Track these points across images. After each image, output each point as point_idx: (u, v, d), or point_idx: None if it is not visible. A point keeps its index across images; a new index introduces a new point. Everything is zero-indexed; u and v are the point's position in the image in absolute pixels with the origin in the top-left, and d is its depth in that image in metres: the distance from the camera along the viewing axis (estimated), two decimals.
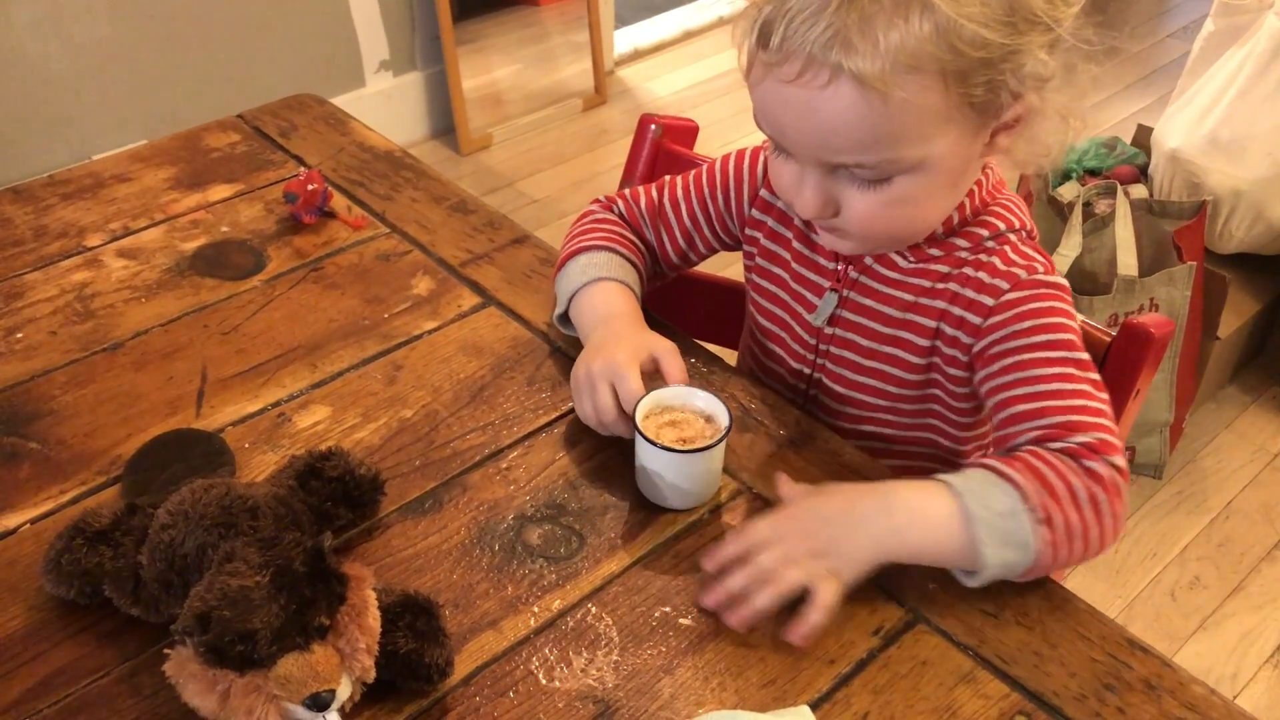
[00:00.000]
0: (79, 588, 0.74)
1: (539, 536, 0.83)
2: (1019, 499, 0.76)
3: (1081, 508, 0.76)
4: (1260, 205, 1.96)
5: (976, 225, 0.88)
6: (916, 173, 0.78)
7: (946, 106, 0.75)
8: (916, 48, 0.71)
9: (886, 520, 0.78)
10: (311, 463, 0.81)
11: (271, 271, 1.08)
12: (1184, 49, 2.65)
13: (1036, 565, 0.77)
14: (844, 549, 0.77)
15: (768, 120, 0.80)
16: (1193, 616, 1.76)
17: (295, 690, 0.64)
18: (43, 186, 1.19)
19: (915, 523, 0.77)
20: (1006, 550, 0.76)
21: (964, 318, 0.87)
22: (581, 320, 0.96)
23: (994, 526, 0.75)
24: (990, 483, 0.77)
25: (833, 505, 0.80)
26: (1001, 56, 0.74)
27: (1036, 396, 0.81)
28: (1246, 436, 2.08)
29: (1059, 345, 0.82)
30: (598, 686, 0.73)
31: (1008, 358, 0.84)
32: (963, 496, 0.76)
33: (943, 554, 0.78)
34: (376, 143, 1.27)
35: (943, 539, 0.77)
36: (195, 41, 2.33)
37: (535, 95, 2.90)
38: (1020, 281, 0.85)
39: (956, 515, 0.76)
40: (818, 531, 0.78)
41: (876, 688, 0.73)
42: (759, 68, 0.77)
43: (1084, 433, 0.79)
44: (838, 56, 0.72)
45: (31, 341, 0.99)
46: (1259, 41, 1.94)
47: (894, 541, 0.77)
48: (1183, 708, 0.72)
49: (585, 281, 0.96)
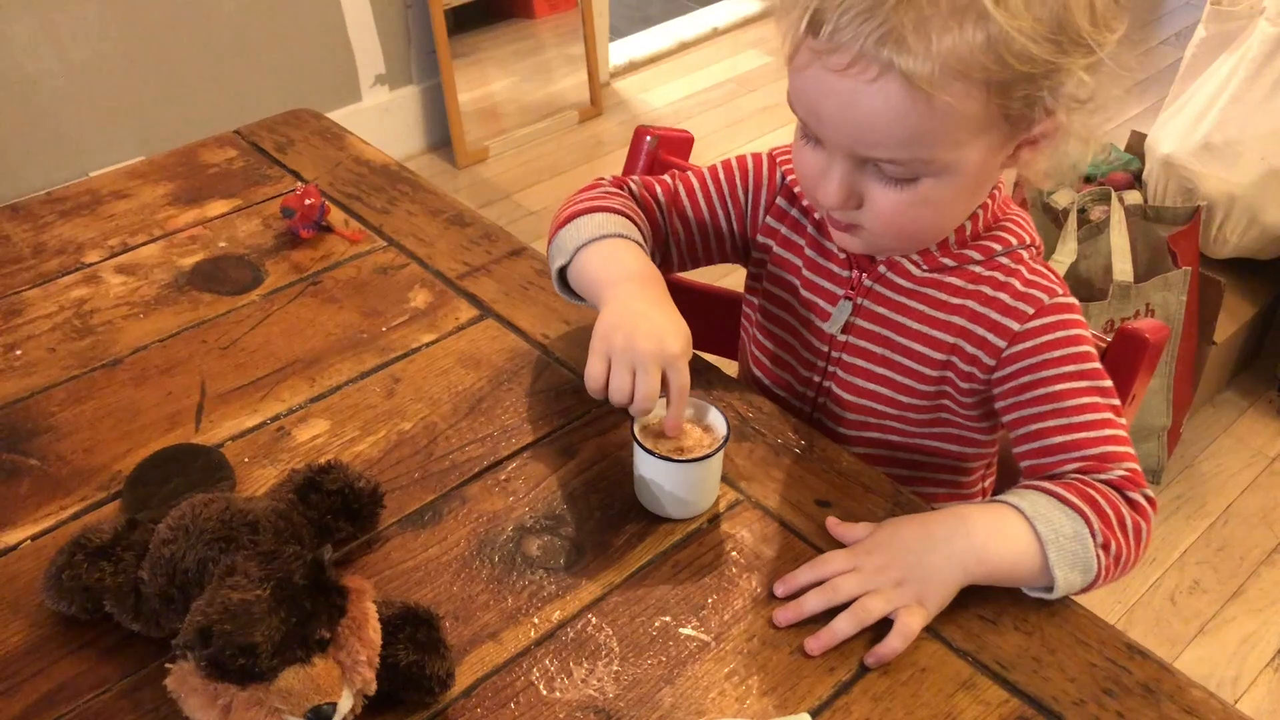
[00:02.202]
0: (80, 603, 0.74)
1: (538, 548, 0.83)
2: (1084, 525, 0.78)
3: (1128, 535, 0.80)
4: (1254, 210, 1.97)
5: (988, 239, 0.89)
6: (943, 176, 0.79)
7: (985, 116, 0.76)
8: (968, 55, 0.72)
9: (966, 540, 0.78)
10: (311, 476, 0.81)
11: (269, 286, 1.08)
12: (1176, 55, 2.66)
13: (1090, 587, 0.80)
14: (928, 574, 0.77)
15: (805, 106, 0.80)
16: (1193, 621, 1.76)
17: (297, 703, 0.64)
18: (41, 204, 1.19)
19: (994, 542, 0.79)
20: (1074, 573, 0.78)
21: (986, 338, 0.88)
22: (597, 271, 0.89)
23: (1064, 549, 0.78)
24: (1055, 507, 0.79)
25: (909, 532, 0.80)
26: (1044, 73, 0.75)
27: (1071, 429, 0.84)
28: (1244, 441, 2.08)
29: (1087, 375, 0.85)
30: (598, 697, 0.73)
31: (1039, 388, 0.85)
32: (1034, 521, 0.78)
33: (1018, 574, 0.79)
34: (373, 157, 1.28)
35: (1020, 559, 0.78)
36: (192, 58, 2.34)
37: (531, 108, 2.91)
38: (1044, 307, 0.87)
39: (1031, 537, 0.78)
40: (899, 559, 0.78)
41: (876, 695, 0.73)
42: (805, 53, 0.77)
43: (1119, 463, 0.82)
44: (890, 53, 0.72)
45: (31, 358, 0.99)
46: (1251, 47, 1.95)
47: (974, 561, 0.78)
48: (1182, 712, 0.72)
49: (601, 235, 0.90)
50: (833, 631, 0.76)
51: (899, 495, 0.87)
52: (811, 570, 0.79)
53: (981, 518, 0.80)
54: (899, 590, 0.77)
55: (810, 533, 0.84)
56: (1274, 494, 1.98)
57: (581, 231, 0.91)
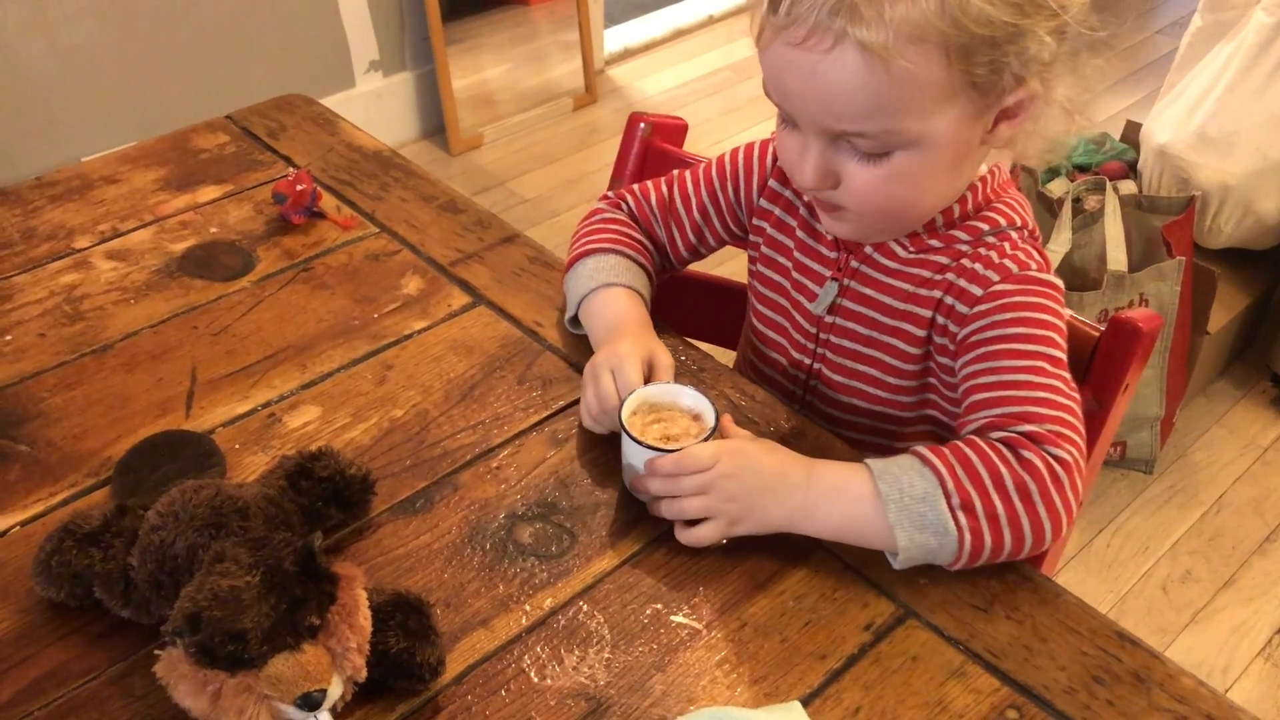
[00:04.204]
0: (69, 590, 0.74)
1: (530, 535, 0.83)
2: (937, 484, 0.77)
3: (1009, 494, 0.77)
4: (1248, 200, 1.97)
5: (979, 220, 0.89)
6: (915, 149, 0.79)
7: (949, 82, 0.76)
8: (921, 20, 0.72)
9: (803, 496, 0.80)
10: (302, 463, 0.81)
11: (261, 272, 1.08)
12: (1172, 45, 2.65)
13: (967, 552, 0.77)
14: (758, 514, 0.80)
15: (773, 85, 0.81)
16: (1184, 610, 1.77)
17: (286, 690, 0.64)
18: (31, 188, 1.18)
19: (830, 501, 0.80)
20: (922, 534, 0.77)
21: (954, 307, 0.88)
22: (592, 326, 0.97)
23: (907, 510, 0.77)
24: (911, 468, 0.79)
25: (767, 466, 0.81)
26: (1006, 37, 0.75)
27: (998, 386, 0.82)
28: (1237, 431, 2.09)
29: (1034, 340, 0.83)
30: (589, 684, 0.73)
31: (981, 347, 0.84)
32: (880, 480, 0.78)
33: (859, 533, 0.80)
34: (365, 143, 1.27)
35: (858, 519, 0.79)
36: (184, 43, 2.33)
37: (526, 95, 2.90)
38: (1010, 275, 0.86)
39: (871, 498, 0.78)
40: (744, 490, 0.80)
41: (867, 683, 0.73)
42: (769, 31, 0.78)
43: (1033, 423, 0.79)
44: (843, 23, 0.73)
45: (20, 344, 0.99)
46: (1246, 37, 1.95)
47: (803, 517, 0.80)
48: (1172, 700, 0.73)
49: (594, 286, 0.97)
50: (655, 510, 0.82)
51: None
52: (676, 463, 0.80)
53: (830, 476, 0.81)
54: (726, 506, 0.80)
55: None
56: (1266, 484, 1.98)
57: (580, 283, 0.98)
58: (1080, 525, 1.88)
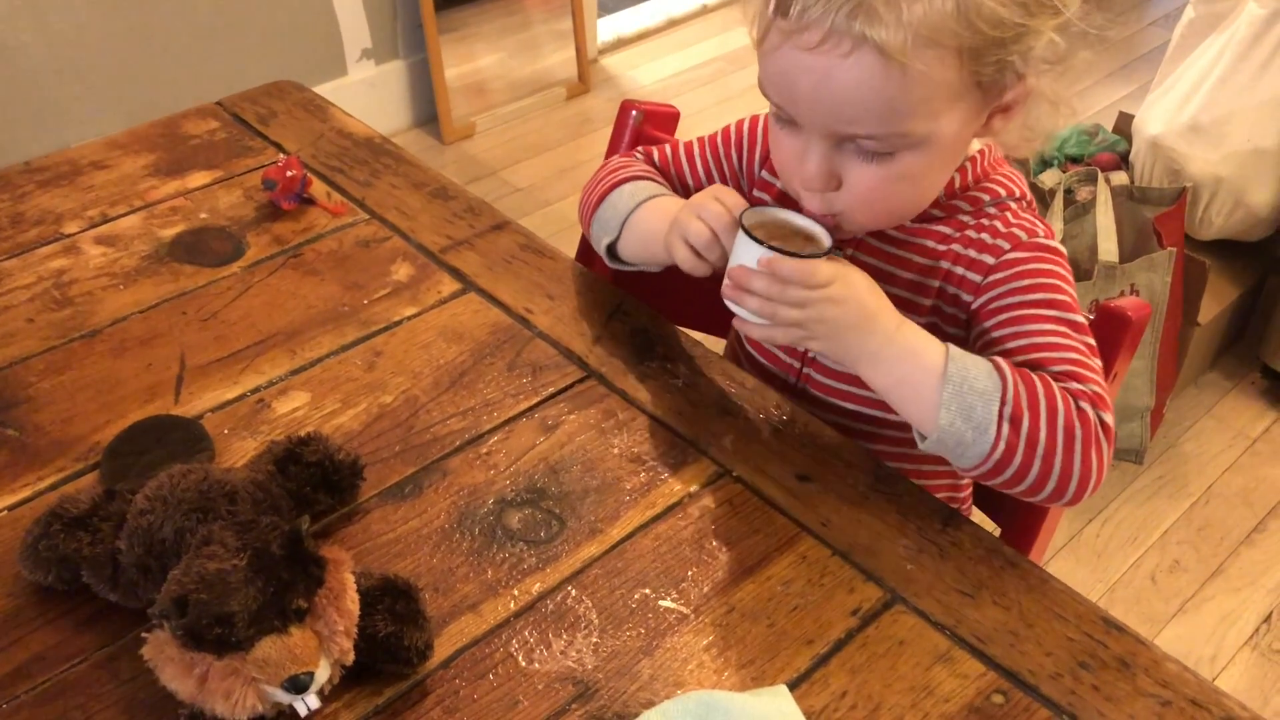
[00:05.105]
0: (56, 573, 0.74)
1: (519, 520, 0.83)
2: (999, 388, 0.78)
3: (1056, 430, 0.78)
4: (1240, 191, 1.97)
5: (978, 190, 0.89)
6: (920, 149, 0.79)
7: (959, 84, 0.76)
8: (939, 22, 0.73)
9: (880, 344, 0.80)
10: (290, 448, 0.81)
11: (250, 258, 1.08)
12: (1164, 36, 2.66)
13: (994, 460, 0.78)
14: (835, 343, 0.82)
15: (779, 88, 0.80)
16: (1173, 600, 1.78)
17: (273, 673, 0.64)
18: (20, 173, 1.18)
19: (900, 359, 0.80)
20: (963, 423, 0.78)
21: (965, 276, 0.88)
22: (650, 224, 0.95)
23: (961, 396, 0.78)
24: (983, 365, 0.80)
25: (869, 304, 0.81)
26: (1014, 37, 0.75)
27: (1032, 349, 0.83)
28: (1226, 421, 2.10)
29: (1057, 305, 0.84)
30: (577, 668, 0.73)
31: (1005, 313, 0.85)
32: (952, 360, 0.79)
33: (905, 399, 0.81)
34: (356, 129, 1.27)
35: (914, 384, 0.80)
36: (175, 29, 2.32)
37: (518, 84, 2.89)
38: (1021, 243, 0.87)
39: (935, 372, 0.79)
40: (840, 317, 0.80)
41: (854, 667, 0.73)
42: (775, 35, 0.77)
43: (1081, 383, 0.81)
44: (862, 26, 0.73)
45: (9, 329, 0.99)
46: (1239, 29, 1.95)
47: (870, 363, 0.81)
48: (1156, 685, 0.73)
49: (641, 199, 0.96)
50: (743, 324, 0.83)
51: (880, 469, 0.88)
52: (772, 288, 0.79)
53: (912, 337, 0.81)
54: (807, 336, 0.81)
55: (790, 507, 0.84)
56: (1255, 474, 1.99)
57: (624, 202, 0.97)
58: (1070, 515, 1.88)
